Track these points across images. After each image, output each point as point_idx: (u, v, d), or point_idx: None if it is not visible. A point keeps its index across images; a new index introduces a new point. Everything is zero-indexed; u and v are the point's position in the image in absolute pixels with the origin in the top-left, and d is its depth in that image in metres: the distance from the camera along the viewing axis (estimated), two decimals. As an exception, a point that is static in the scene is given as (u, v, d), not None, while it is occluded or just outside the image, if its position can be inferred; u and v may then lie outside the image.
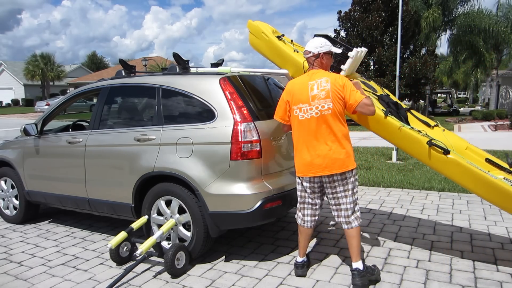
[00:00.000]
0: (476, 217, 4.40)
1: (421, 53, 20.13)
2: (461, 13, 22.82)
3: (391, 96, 3.65)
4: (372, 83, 3.79)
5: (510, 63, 26.66)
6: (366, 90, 3.37)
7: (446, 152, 2.93)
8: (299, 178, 3.04)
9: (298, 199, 3.11)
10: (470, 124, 17.72)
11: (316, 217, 3.12)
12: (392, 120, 3.09)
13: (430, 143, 2.96)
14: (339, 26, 19.99)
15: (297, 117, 2.92)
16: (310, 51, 2.97)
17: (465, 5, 23.21)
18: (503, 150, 8.39)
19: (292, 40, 3.79)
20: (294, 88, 2.97)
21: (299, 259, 3.16)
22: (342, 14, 19.64)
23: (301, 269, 3.12)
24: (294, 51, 3.58)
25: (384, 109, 3.16)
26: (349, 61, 3.45)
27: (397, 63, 8.71)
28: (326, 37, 3.66)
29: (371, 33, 18.43)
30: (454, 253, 3.45)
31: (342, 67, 3.48)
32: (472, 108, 29.31)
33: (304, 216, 3.09)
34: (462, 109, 29.48)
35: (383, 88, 3.85)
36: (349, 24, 19.52)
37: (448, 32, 24.67)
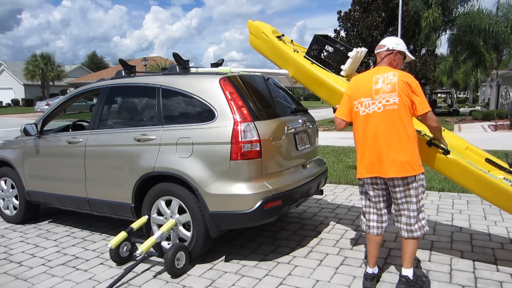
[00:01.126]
0: (476, 217, 4.40)
1: (421, 53, 20.13)
2: (461, 13, 22.81)
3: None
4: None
5: (510, 63, 26.66)
6: None
7: (446, 152, 2.93)
8: (360, 180, 2.84)
9: (361, 202, 2.93)
10: (470, 124, 17.72)
11: (384, 224, 2.85)
12: None
13: (430, 143, 2.96)
14: (339, 26, 19.99)
15: (358, 113, 2.73)
16: (385, 45, 2.81)
17: (465, 5, 23.22)
18: (503, 150, 8.38)
19: (292, 40, 3.79)
20: (356, 82, 2.82)
21: (369, 270, 2.87)
22: (342, 14, 19.64)
23: (371, 282, 2.84)
24: (294, 51, 3.58)
25: None
26: (349, 61, 3.45)
27: (397, 63, 8.70)
28: (326, 37, 3.67)
29: (371, 33, 18.43)
30: (454, 253, 3.45)
31: (342, 67, 3.49)
32: (472, 108, 29.32)
33: (369, 222, 2.86)
34: (462, 109, 29.49)
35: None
36: (349, 24, 19.52)
37: (448, 32, 24.67)
